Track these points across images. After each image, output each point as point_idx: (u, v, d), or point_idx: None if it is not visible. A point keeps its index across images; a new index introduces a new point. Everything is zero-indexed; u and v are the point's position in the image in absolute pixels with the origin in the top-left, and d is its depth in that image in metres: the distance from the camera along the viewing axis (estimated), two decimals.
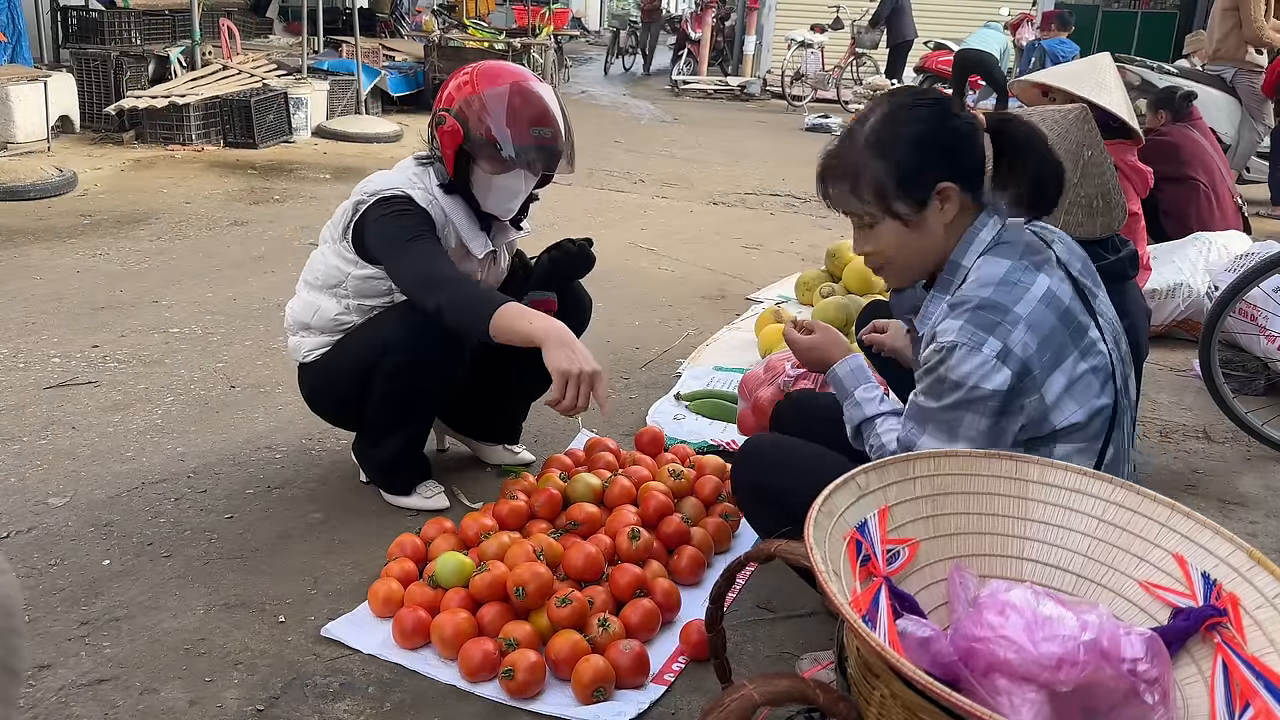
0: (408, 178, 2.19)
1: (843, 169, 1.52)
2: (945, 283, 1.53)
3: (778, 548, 1.17)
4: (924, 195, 1.48)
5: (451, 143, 2.15)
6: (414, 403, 2.28)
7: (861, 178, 1.49)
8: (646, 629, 1.89)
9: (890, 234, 1.51)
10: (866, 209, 1.50)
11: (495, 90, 2.12)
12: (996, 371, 1.41)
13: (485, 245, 2.26)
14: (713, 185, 7.19)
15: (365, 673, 1.81)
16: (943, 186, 1.47)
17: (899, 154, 1.47)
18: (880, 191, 1.48)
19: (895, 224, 1.50)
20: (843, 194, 1.52)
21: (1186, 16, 14.89)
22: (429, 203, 2.15)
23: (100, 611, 1.94)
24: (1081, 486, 1.25)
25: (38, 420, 2.74)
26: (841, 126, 11.30)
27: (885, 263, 1.56)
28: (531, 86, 2.16)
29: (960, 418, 1.45)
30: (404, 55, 9.90)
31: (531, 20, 12.01)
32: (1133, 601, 1.17)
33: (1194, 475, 2.86)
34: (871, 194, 1.48)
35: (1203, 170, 4.46)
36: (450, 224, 2.19)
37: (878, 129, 1.49)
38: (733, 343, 3.67)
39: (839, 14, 13.12)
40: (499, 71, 2.18)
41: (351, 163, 6.91)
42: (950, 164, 1.48)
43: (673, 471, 2.39)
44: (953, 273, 1.52)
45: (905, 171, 1.47)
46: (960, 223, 1.52)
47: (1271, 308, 3.30)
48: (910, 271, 1.57)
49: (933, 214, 1.49)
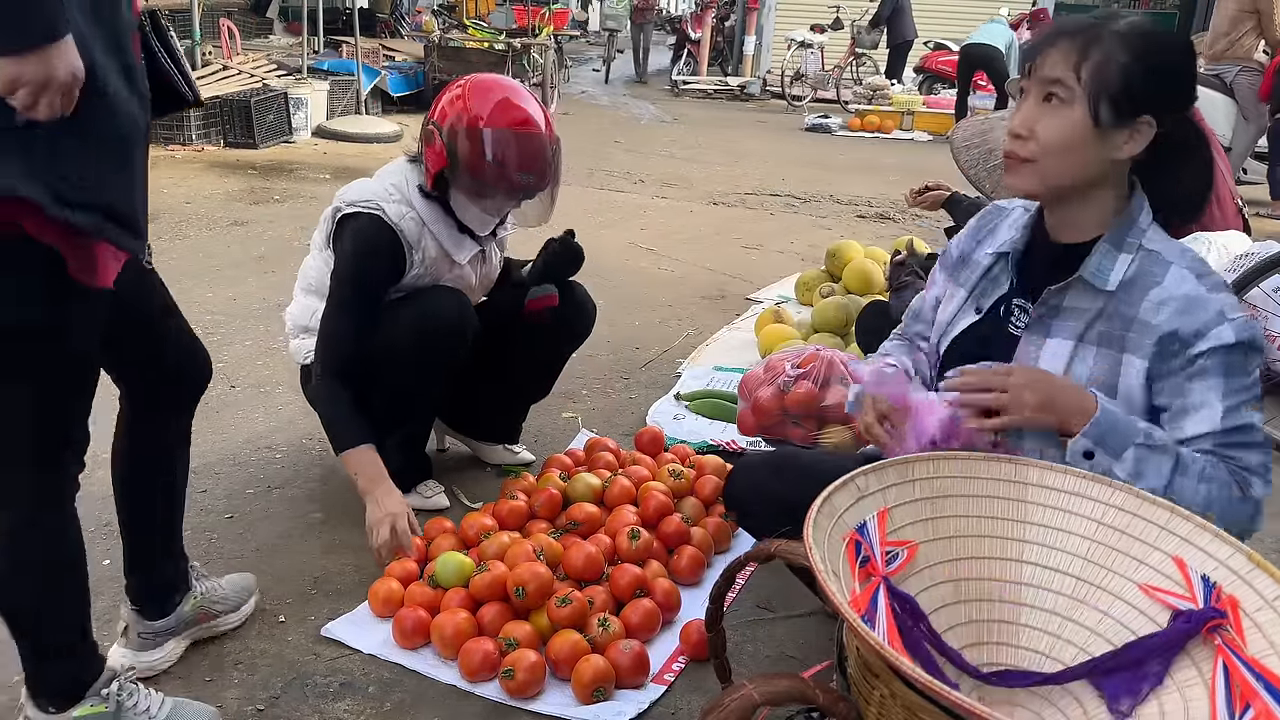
0: (386, 187, 2.16)
1: (1085, 35, 1.37)
2: (1120, 238, 1.41)
3: (778, 548, 1.17)
4: (1132, 115, 1.36)
5: (436, 164, 2.12)
6: (415, 402, 2.28)
7: (1096, 51, 1.35)
8: (647, 629, 1.89)
9: (1073, 125, 1.36)
10: (1073, 82, 1.35)
11: (488, 129, 2.06)
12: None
13: (470, 248, 2.26)
14: (713, 185, 7.19)
15: (365, 673, 1.82)
16: (1146, 119, 1.36)
17: (1146, 61, 1.35)
18: (1102, 77, 1.34)
19: (1086, 119, 1.35)
20: (1066, 55, 1.36)
21: (1186, 16, 14.90)
22: (402, 215, 2.12)
23: (100, 611, 1.93)
24: (1081, 489, 1.24)
25: None
26: (842, 127, 11.27)
27: (1040, 154, 1.39)
28: (526, 128, 2.09)
29: (1259, 389, 1.36)
30: (404, 55, 9.91)
31: (531, 20, 12.00)
32: (1132, 604, 1.17)
33: None
34: (1093, 74, 1.34)
35: None
36: (427, 233, 2.17)
37: (1140, 28, 1.37)
38: (733, 343, 3.67)
39: (839, 14, 13.12)
40: (494, 97, 2.08)
41: (352, 163, 6.91)
42: (1167, 108, 1.38)
43: (673, 471, 2.39)
44: (1129, 229, 1.41)
45: (1137, 80, 1.34)
46: (1120, 179, 1.43)
47: (1271, 308, 3.30)
48: (1050, 177, 1.40)
49: (1119, 138, 1.37)
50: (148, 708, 1.58)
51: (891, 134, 10.79)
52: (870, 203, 6.82)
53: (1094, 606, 1.20)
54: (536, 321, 2.38)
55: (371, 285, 2.13)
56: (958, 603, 1.22)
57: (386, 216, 2.10)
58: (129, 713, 1.56)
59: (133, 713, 1.56)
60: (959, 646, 1.19)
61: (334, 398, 2.08)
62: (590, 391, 3.20)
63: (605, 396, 3.17)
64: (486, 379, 2.46)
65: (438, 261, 2.20)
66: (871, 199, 6.94)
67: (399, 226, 2.12)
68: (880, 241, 5.12)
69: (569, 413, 3.01)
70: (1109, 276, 1.41)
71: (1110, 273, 1.41)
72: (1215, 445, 1.34)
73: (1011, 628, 1.23)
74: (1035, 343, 1.47)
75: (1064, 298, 1.45)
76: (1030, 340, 1.48)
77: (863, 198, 6.98)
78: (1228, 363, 1.34)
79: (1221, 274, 3.58)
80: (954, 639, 1.19)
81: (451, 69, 9.91)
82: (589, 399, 3.14)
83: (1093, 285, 1.42)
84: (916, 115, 10.98)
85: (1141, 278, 1.40)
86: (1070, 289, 1.45)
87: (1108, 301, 1.42)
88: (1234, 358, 1.34)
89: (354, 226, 2.12)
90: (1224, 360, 1.33)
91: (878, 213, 6.52)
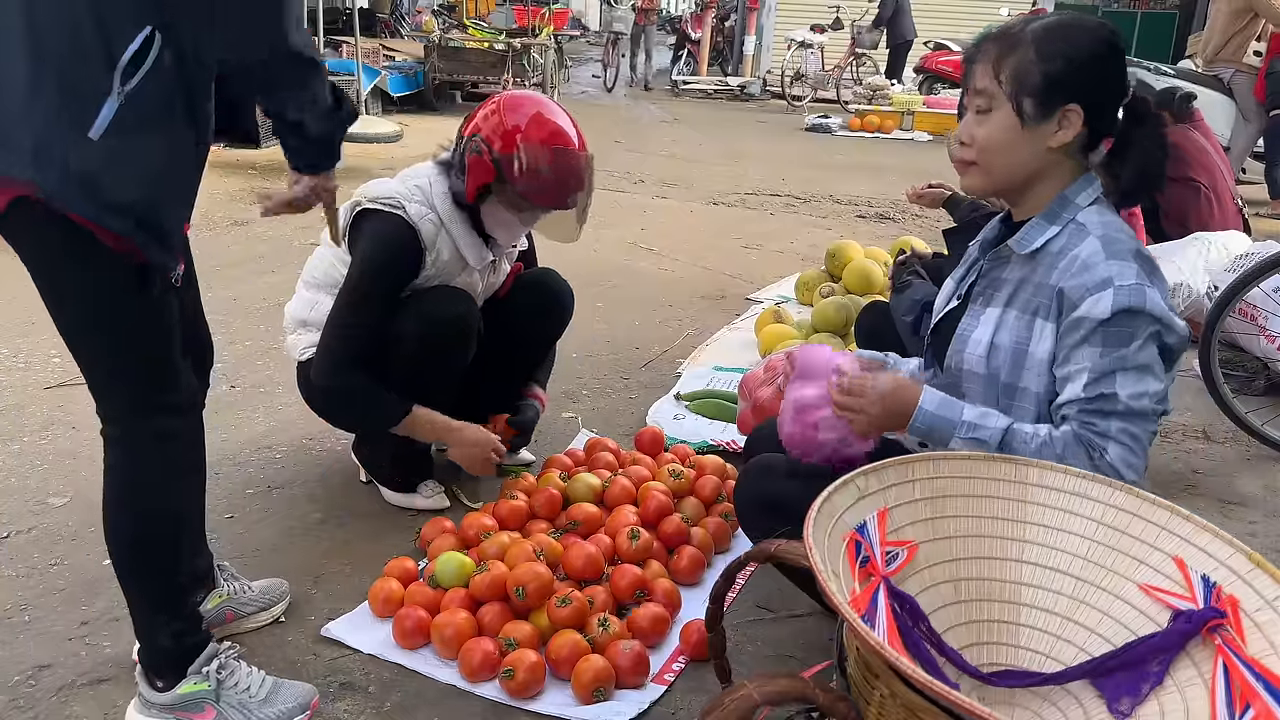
0: (410, 188, 2.17)
1: (1003, 42, 1.49)
2: (1053, 213, 1.51)
3: (778, 548, 1.17)
4: (1053, 106, 1.46)
5: (479, 177, 2.13)
6: (424, 399, 2.29)
7: (1009, 57, 1.47)
8: (657, 634, 1.88)
9: (1001, 125, 1.48)
10: (995, 89, 1.48)
11: (542, 150, 2.09)
12: (1177, 316, 1.42)
13: (484, 257, 2.27)
14: (713, 185, 7.19)
15: (365, 673, 1.81)
16: (1071, 108, 1.46)
17: (1058, 55, 1.45)
18: (1018, 77, 1.46)
19: (1012, 118, 1.47)
20: (986, 65, 1.49)
21: (1186, 16, 14.90)
22: (422, 216, 2.14)
23: (100, 611, 1.94)
24: (1081, 489, 1.25)
25: (38, 420, 2.74)
26: (842, 127, 11.24)
27: (979, 157, 1.52)
28: (574, 151, 2.13)
29: (1153, 358, 1.42)
30: (404, 55, 9.92)
31: (531, 20, 12.01)
32: (1133, 604, 1.17)
33: (1194, 475, 2.86)
34: (1009, 76, 1.46)
35: (1204, 172, 4.45)
36: (444, 236, 2.18)
37: (1050, 27, 1.48)
38: (733, 343, 3.67)
39: (839, 14, 13.13)
40: (545, 122, 2.12)
41: (352, 163, 6.91)
42: (1090, 95, 1.47)
43: (673, 471, 2.39)
44: (1063, 206, 1.51)
45: (1053, 73, 1.44)
46: (1062, 165, 1.51)
47: (1271, 308, 3.30)
48: (994, 175, 1.53)
49: (1048, 129, 1.47)
50: (248, 686, 1.63)
51: (891, 134, 10.80)
52: (870, 203, 6.82)
53: (1094, 606, 1.20)
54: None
55: (388, 282, 2.14)
56: (958, 603, 1.23)
57: (407, 216, 2.12)
58: (230, 690, 1.61)
59: (234, 690, 1.62)
60: (959, 646, 1.19)
61: (366, 390, 2.15)
62: (590, 391, 3.20)
63: (605, 396, 3.17)
64: (479, 375, 2.47)
65: (449, 265, 2.21)
66: (871, 199, 6.94)
67: (418, 227, 2.13)
68: (880, 241, 5.13)
69: (569, 413, 3.01)
70: (1029, 244, 1.51)
71: (1033, 241, 1.51)
72: (1078, 412, 1.42)
73: (1011, 628, 1.23)
74: (975, 313, 1.58)
75: (1002, 269, 1.57)
76: (972, 311, 1.59)
77: (863, 198, 6.98)
78: (1106, 333, 1.40)
79: (1221, 274, 3.60)
80: (954, 639, 1.19)
81: (452, 69, 9.94)
82: (589, 399, 3.14)
83: (1016, 252, 1.53)
84: (916, 115, 10.98)
85: (1063, 249, 1.48)
86: (1004, 262, 1.57)
87: (1029, 270, 1.52)
88: (1113, 328, 1.40)
89: (374, 224, 2.13)
90: (1103, 331, 1.40)
91: (878, 213, 6.52)
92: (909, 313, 2.36)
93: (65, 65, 1.31)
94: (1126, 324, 1.39)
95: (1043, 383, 1.47)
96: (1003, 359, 1.51)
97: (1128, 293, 1.39)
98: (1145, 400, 1.40)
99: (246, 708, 1.61)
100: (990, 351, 1.52)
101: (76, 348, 1.48)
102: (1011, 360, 1.50)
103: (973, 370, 1.54)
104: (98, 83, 1.31)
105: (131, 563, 1.57)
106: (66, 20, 1.30)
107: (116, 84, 1.31)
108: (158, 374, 1.51)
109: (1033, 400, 1.49)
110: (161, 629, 1.59)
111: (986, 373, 1.52)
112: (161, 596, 1.59)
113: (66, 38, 1.30)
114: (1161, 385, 1.43)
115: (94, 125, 1.31)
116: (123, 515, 1.55)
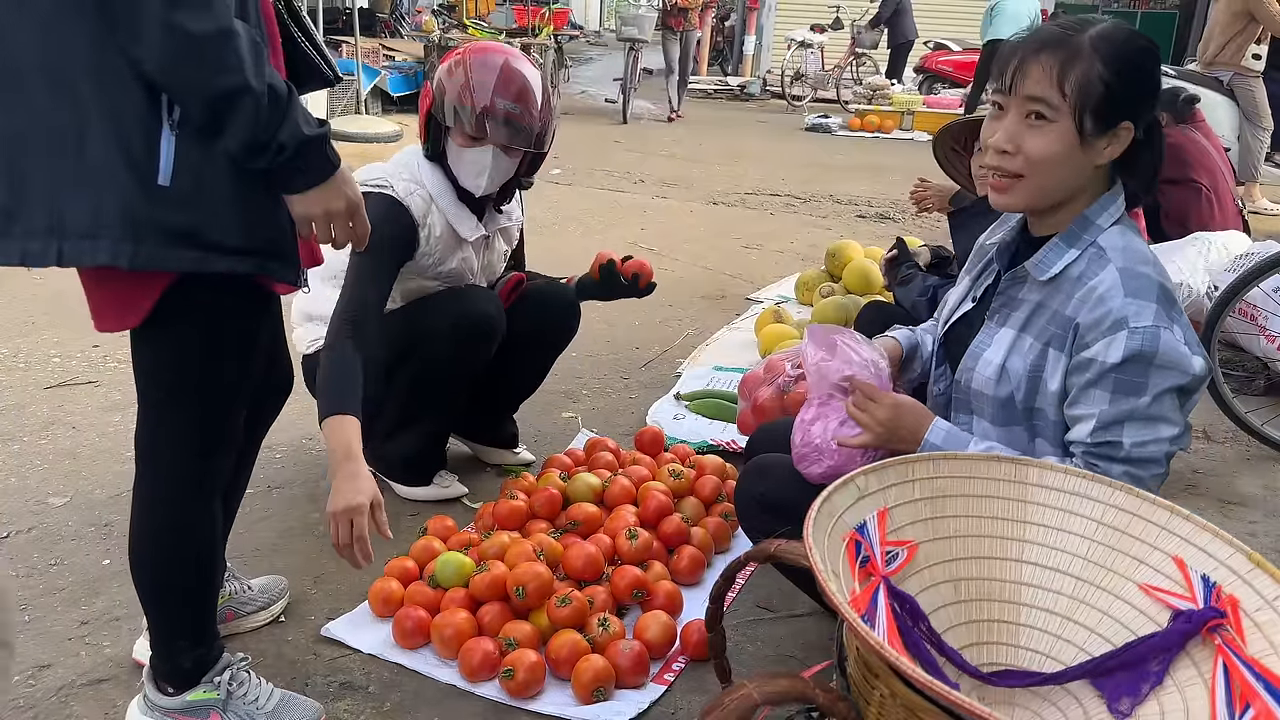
0: (395, 166, 2.23)
1: (1064, 50, 1.37)
2: (1074, 235, 1.44)
3: (778, 548, 1.17)
4: (1114, 122, 1.38)
5: (424, 107, 2.22)
6: (442, 396, 2.30)
7: (1076, 67, 1.36)
8: (666, 642, 1.87)
9: (1059, 141, 1.38)
10: (1060, 101, 1.37)
11: (474, 59, 2.16)
12: (1195, 354, 1.36)
13: (475, 229, 2.28)
14: (713, 185, 7.19)
15: (365, 673, 1.82)
16: (1125, 125, 1.39)
17: (1123, 71, 1.36)
18: (1086, 90, 1.35)
19: (1072, 133, 1.37)
20: (1048, 72, 1.37)
21: (1186, 17, 14.89)
22: (410, 192, 2.17)
23: (100, 611, 1.94)
24: (1081, 489, 1.25)
25: (38, 420, 2.74)
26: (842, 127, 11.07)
27: (1028, 169, 1.41)
28: (510, 61, 2.17)
29: (1165, 409, 1.36)
30: (404, 55, 9.91)
31: (531, 20, 12.01)
32: (1132, 604, 1.17)
33: (1194, 475, 2.86)
34: (1077, 88, 1.36)
35: (1205, 173, 4.45)
36: (435, 209, 2.21)
37: (1112, 36, 1.38)
38: (733, 343, 3.67)
39: (839, 14, 13.13)
40: (487, 47, 2.22)
41: (352, 162, 6.90)
42: (1144, 112, 1.41)
43: (673, 471, 2.39)
44: (1084, 227, 1.44)
45: (1118, 90, 1.36)
46: (1097, 182, 1.45)
47: (1271, 308, 3.30)
48: (1039, 192, 1.43)
49: (1099, 145, 1.40)
50: (256, 697, 1.62)
51: (891, 134, 10.80)
52: (870, 203, 6.82)
53: (1094, 606, 1.20)
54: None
55: (385, 255, 2.12)
56: (958, 603, 1.22)
57: (395, 192, 2.15)
58: (238, 701, 1.61)
59: (242, 701, 1.61)
60: (959, 646, 1.19)
61: (341, 362, 1.97)
62: (590, 391, 3.20)
63: (605, 396, 3.17)
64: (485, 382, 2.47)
65: (445, 240, 2.23)
66: (871, 199, 6.94)
67: (407, 202, 2.16)
68: (880, 241, 5.12)
69: (569, 413, 3.01)
70: (1048, 269, 1.46)
71: (1051, 266, 1.46)
72: (1083, 453, 1.40)
73: (1011, 628, 1.23)
74: (991, 330, 1.54)
75: (1020, 289, 1.52)
76: (988, 329, 1.55)
77: (863, 198, 6.98)
78: (1117, 380, 1.36)
79: (1221, 274, 3.59)
80: (954, 639, 1.19)
81: None
82: (589, 399, 3.14)
83: (1034, 277, 1.48)
84: (916, 115, 10.98)
85: (1082, 275, 1.43)
86: (1022, 281, 1.51)
87: (1047, 295, 1.47)
88: (1124, 375, 1.36)
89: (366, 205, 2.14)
90: (1114, 377, 1.36)
91: (878, 213, 6.52)
92: (922, 294, 2.39)
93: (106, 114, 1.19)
94: (1139, 372, 1.35)
95: (1056, 411, 1.46)
96: (1014, 384, 1.48)
97: (1141, 337, 1.34)
98: (1152, 447, 1.37)
99: (252, 718, 1.61)
100: (1001, 375, 1.49)
101: (183, 394, 1.43)
102: (1028, 386, 1.47)
103: (981, 391, 1.53)
104: (147, 122, 1.21)
105: (155, 592, 1.55)
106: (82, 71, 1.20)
107: (164, 115, 1.22)
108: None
109: (1051, 426, 1.48)
110: (184, 653, 1.57)
111: (994, 394, 1.50)
112: (187, 624, 1.57)
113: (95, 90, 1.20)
114: (1174, 431, 1.38)
115: (159, 170, 1.22)
116: (149, 545, 1.53)
